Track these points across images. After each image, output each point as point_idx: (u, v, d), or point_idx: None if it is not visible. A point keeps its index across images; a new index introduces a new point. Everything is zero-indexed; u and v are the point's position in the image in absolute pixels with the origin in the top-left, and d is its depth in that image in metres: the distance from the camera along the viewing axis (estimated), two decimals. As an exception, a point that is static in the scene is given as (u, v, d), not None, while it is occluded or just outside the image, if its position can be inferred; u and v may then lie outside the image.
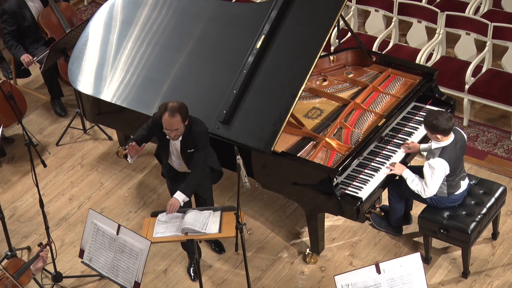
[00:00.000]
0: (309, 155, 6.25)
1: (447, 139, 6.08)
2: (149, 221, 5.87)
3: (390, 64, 7.09)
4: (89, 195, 7.46)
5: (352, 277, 5.10)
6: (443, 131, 6.03)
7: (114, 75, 7.00)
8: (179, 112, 5.76)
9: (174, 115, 5.75)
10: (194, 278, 6.58)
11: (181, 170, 6.23)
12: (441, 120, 5.99)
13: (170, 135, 5.88)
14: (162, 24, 7.05)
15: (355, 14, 8.85)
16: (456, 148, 6.11)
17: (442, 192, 6.22)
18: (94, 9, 9.75)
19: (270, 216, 7.10)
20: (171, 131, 5.83)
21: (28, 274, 5.78)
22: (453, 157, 6.08)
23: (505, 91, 7.70)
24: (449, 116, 6.03)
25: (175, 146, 6.04)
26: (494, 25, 7.89)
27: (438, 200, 6.26)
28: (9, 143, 8.08)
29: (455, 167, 6.12)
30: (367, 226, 6.89)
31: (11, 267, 5.75)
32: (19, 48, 8.02)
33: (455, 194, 6.25)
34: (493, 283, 6.38)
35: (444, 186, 6.18)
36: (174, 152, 6.09)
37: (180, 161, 6.13)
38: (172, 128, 5.80)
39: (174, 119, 5.76)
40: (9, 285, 5.61)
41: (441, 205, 6.28)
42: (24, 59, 7.97)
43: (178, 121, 5.78)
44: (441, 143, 6.09)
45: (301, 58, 6.33)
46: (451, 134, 6.10)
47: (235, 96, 6.39)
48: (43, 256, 5.78)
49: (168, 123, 5.79)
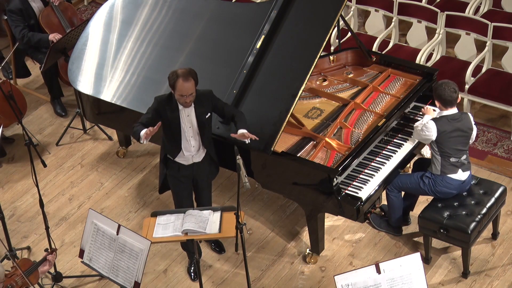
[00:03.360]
0: (309, 155, 6.25)
1: (447, 110, 6.19)
2: (149, 221, 5.86)
3: (390, 64, 7.09)
4: (89, 195, 7.46)
5: (352, 277, 5.10)
6: (441, 100, 6.16)
7: (114, 75, 7.01)
8: (191, 75, 5.82)
9: (188, 79, 5.79)
10: (194, 278, 6.58)
11: (194, 160, 6.16)
12: (445, 88, 6.13)
13: (186, 101, 5.87)
14: (162, 24, 7.05)
15: (355, 14, 8.85)
16: (452, 124, 6.17)
17: (436, 170, 6.25)
18: (94, 9, 9.75)
19: (270, 216, 7.10)
20: (187, 96, 5.84)
21: (36, 275, 5.80)
22: (444, 128, 6.15)
23: (505, 91, 7.70)
24: (454, 89, 6.15)
25: (188, 118, 5.99)
26: (494, 25, 7.89)
27: (433, 181, 6.25)
28: (9, 143, 8.08)
29: (443, 141, 6.17)
30: (367, 226, 6.89)
31: (22, 266, 5.76)
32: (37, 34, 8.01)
33: (450, 177, 6.24)
34: (493, 283, 6.38)
35: (438, 162, 6.23)
36: (189, 129, 6.03)
37: (195, 141, 6.08)
38: (188, 93, 5.83)
39: (189, 83, 5.80)
40: (19, 282, 5.61)
41: (437, 188, 6.26)
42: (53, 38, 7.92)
43: (193, 84, 5.83)
44: (442, 112, 6.22)
45: (301, 58, 6.33)
46: (453, 108, 6.18)
47: (235, 96, 6.39)
48: (50, 260, 5.77)
49: (184, 88, 5.80)
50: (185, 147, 6.11)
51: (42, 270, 5.79)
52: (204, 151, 6.18)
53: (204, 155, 6.19)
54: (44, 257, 5.78)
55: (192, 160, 6.17)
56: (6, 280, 5.55)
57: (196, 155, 6.15)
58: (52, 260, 5.79)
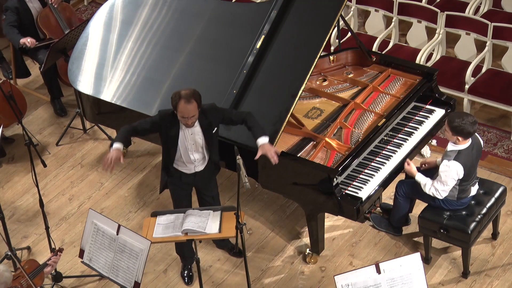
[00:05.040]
0: (309, 155, 6.25)
1: (465, 143, 6.03)
2: (149, 221, 5.86)
3: (390, 64, 7.09)
4: (89, 195, 7.46)
5: (352, 277, 5.10)
6: (465, 134, 5.97)
7: (114, 75, 7.01)
8: (194, 98, 5.76)
9: (190, 101, 5.74)
10: (188, 282, 6.56)
11: (196, 170, 6.14)
12: (467, 122, 5.93)
13: (188, 122, 5.83)
14: (162, 24, 7.05)
15: (355, 14, 8.85)
16: (472, 154, 6.06)
17: (452, 196, 6.19)
18: (94, 9, 9.75)
19: (270, 216, 7.10)
20: (189, 118, 5.81)
21: (42, 276, 5.80)
22: (469, 161, 6.04)
23: (505, 91, 7.69)
24: (474, 121, 5.97)
25: (192, 136, 5.95)
26: (494, 25, 7.89)
27: (446, 202, 6.23)
28: (9, 143, 8.08)
29: (469, 173, 6.07)
30: (367, 226, 6.89)
31: (27, 268, 5.76)
32: (17, 33, 7.98)
33: (464, 198, 6.24)
34: (493, 283, 6.38)
35: (455, 190, 6.15)
36: (192, 146, 5.99)
37: (199, 153, 6.05)
38: (190, 115, 5.78)
39: (191, 106, 5.75)
40: (24, 284, 5.61)
41: (448, 207, 6.26)
42: (25, 42, 7.88)
43: (195, 106, 5.77)
44: (458, 146, 6.04)
45: (301, 58, 6.33)
46: (469, 138, 6.06)
47: (235, 96, 6.39)
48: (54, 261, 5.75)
49: (186, 111, 5.76)
50: (187, 160, 6.08)
51: (46, 270, 5.79)
52: (206, 161, 6.17)
53: (207, 163, 6.18)
54: (49, 258, 5.76)
55: (195, 170, 6.15)
56: (12, 282, 5.54)
57: (199, 165, 6.15)
58: (57, 261, 5.76)
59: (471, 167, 6.08)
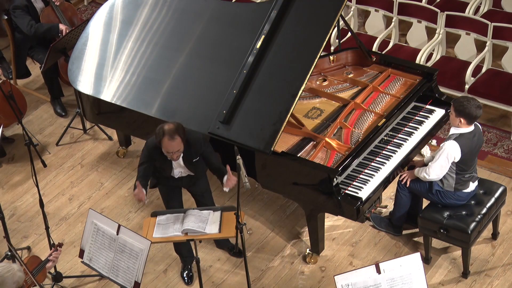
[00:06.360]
0: (309, 155, 6.25)
1: (467, 127, 6.07)
2: (149, 221, 5.87)
3: (390, 64, 7.09)
4: (89, 195, 7.46)
5: (352, 277, 5.10)
6: (468, 117, 6.01)
7: (114, 75, 7.01)
8: (178, 133, 5.75)
9: (174, 137, 5.74)
10: (188, 282, 6.57)
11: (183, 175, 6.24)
12: (472, 105, 6.00)
13: (173, 157, 5.87)
14: (162, 24, 7.05)
15: (355, 14, 8.85)
16: (472, 140, 6.09)
17: (449, 186, 6.20)
18: (94, 9, 9.75)
19: (270, 216, 7.10)
20: (173, 153, 5.83)
21: (44, 273, 5.80)
22: (467, 147, 6.06)
23: (505, 91, 7.70)
24: (479, 105, 6.04)
25: (177, 163, 6.06)
26: (494, 25, 7.89)
27: (444, 194, 6.24)
28: (9, 143, 8.08)
29: (467, 160, 6.09)
30: (367, 226, 6.89)
31: (30, 264, 5.76)
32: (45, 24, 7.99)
33: (462, 191, 6.24)
34: (493, 283, 6.38)
35: (452, 179, 6.16)
36: (177, 166, 6.11)
37: (184, 169, 6.14)
38: (174, 150, 5.81)
39: (175, 142, 5.76)
40: (29, 281, 5.61)
41: (446, 201, 6.25)
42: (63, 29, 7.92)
43: (179, 142, 5.78)
44: (460, 129, 6.08)
45: (301, 58, 6.33)
46: (472, 125, 6.09)
47: (235, 96, 6.39)
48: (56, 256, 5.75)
49: (170, 146, 5.78)
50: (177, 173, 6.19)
51: (48, 266, 5.79)
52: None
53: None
54: (50, 254, 5.76)
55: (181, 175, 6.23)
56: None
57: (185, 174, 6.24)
58: (57, 255, 5.76)
59: (469, 153, 6.09)
